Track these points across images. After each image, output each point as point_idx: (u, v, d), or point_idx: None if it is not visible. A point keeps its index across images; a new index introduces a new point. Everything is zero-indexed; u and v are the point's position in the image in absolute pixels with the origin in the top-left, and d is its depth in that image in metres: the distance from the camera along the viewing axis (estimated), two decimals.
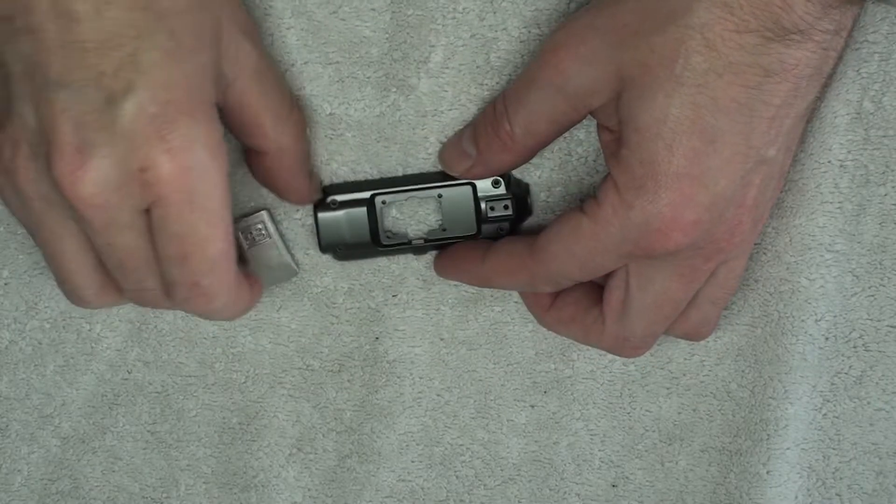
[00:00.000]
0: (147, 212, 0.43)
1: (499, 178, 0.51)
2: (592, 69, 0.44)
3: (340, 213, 0.51)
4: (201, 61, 0.42)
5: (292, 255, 0.53)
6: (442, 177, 0.52)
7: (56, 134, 0.41)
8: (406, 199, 0.52)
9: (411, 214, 0.53)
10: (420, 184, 0.51)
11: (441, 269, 0.53)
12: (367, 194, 0.51)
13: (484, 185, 0.51)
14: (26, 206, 0.44)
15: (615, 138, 0.46)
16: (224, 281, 0.45)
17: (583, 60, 0.45)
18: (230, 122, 0.47)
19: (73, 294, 0.47)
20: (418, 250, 0.53)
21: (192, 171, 0.42)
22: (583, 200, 0.49)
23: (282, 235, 0.53)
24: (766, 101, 0.43)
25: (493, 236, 0.52)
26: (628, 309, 0.48)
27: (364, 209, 0.51)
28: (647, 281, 0.47)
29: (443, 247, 0.53)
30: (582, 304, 0.50)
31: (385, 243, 0.52)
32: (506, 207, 0.51)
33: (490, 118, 0.48)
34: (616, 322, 0.49)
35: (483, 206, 0.51)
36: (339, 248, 0.52)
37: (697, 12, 0.42)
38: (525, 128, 0.47)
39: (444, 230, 0.52)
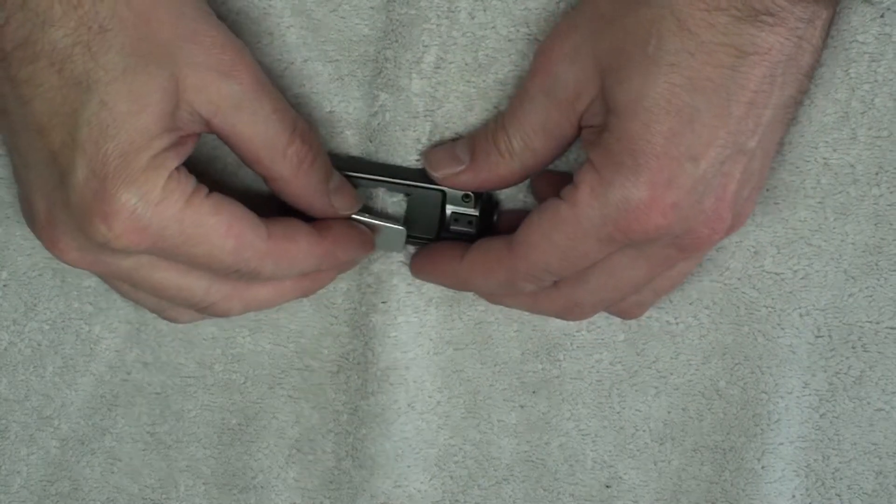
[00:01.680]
0: None
1: (470, 194, 0.50)
2: (576, 66, 0.45)
3: None
4: (142, 123, 0.42)
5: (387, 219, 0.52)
6: (419, 175, 0.51)
7: (33, 211, 0.45)
8: (374, 187, 0.51)
9: (377, 198, 0.52)
10: (395, 176, 0.51)
11: (418, 269, 0.52)
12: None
13: (453, 196, 0.51)
14: None
15: (598, 131, 0.45)
16: (257, 255, 0.46)
17: (567, 59, 0.45)
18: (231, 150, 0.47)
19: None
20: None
21: (146, 230, 0.43)
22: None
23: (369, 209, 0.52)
24: (741, 83, 0.42)
25: None
26: (586, 281, 0.48)
27: None
28: (616, 262, 0.47)
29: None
30: None
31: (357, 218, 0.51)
32: (469, 223, 0.51)
33: (490, 129, 0.48)
34: (572, 289, 0.48)
35: (448, 214, 0.51)
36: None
37: None
38: (523, 142, 0.47)
39: (404, 224, 0.51)
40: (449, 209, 0.50)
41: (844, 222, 0.51)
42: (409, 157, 0.51)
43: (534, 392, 0.54)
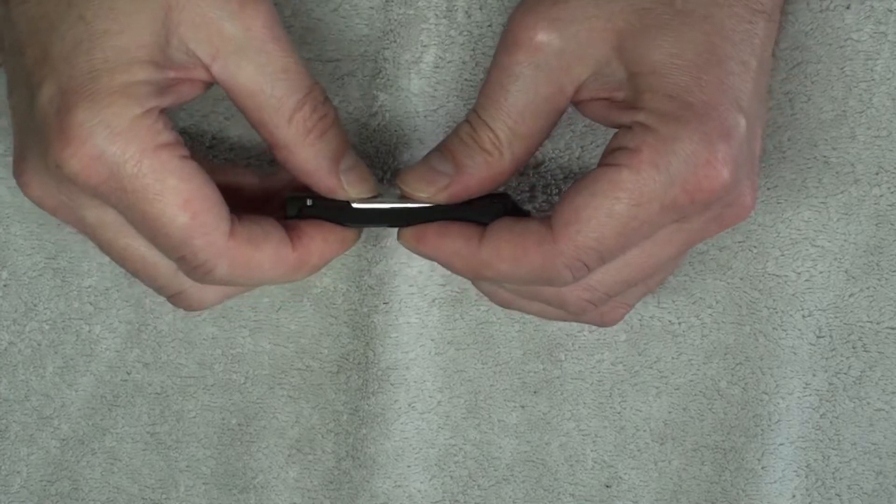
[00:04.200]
0: None
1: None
2: (575, 31, 0.41)
3: None
4: (120, 43, 0.39)
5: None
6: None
7: (13, 145, 0.41)
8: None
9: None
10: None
11: (417, 240, 0.45)
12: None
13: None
14: None
15: (621, 97, 0.42)
16: (211, 249, 0.42)
17: (561, 25, 0.41)
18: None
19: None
20: (393, 220, 0.45)
21: (100, 158, 0.39)
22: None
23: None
24: (754, 40, 0.41)
25: (473, 220, 0.45)
26: (626, 265, 0.44)
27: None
28: (659, 238, 0.43)
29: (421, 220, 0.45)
30: None
31: (357, 205, 0.45)
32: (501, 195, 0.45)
33: (466, 131, 0.43)
34: (603, 275, 0.44)
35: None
36: (305, 204, 0.46)
37: None
38: (511, 130, 0.42)
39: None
40: None
41: (847, 222, 0.51)
42: (409, 158, 0.51)
43: (535, 392, 0.54)
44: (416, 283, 0.52)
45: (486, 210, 0.44)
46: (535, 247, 0.42)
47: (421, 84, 0.50)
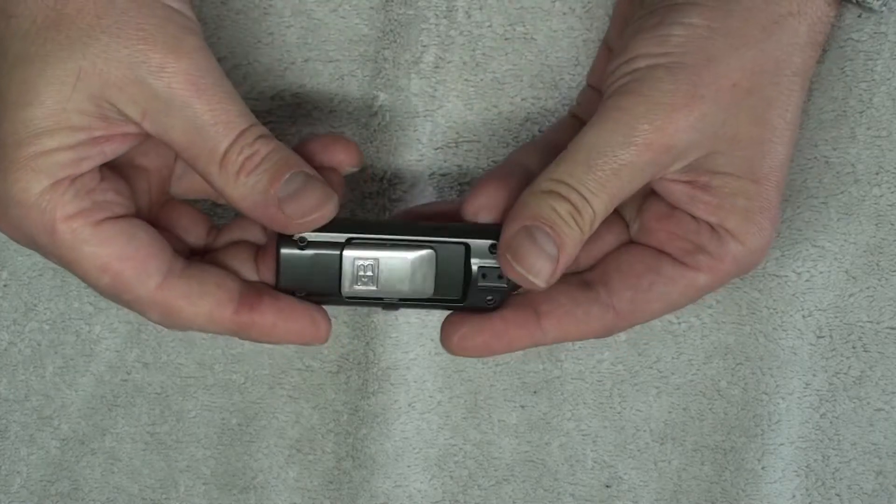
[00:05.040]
0: None
1: (496, 241, 0.43)
2: (699, 134, 0.42)
3: (308, 253, 0.43)
4: (27, 115, 0.39)
5: None
6: (432, 229, 0.44)
7: None
8: (390, 248, 0.44)
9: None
10: (408, 233, 0.44)
11: (471, 347, 0.44)
12: (342, 237, 0.43)
13: (479, 247, 0.44)
14: None
15: (706, 187, 0.43)
16: (139, 301, 0.42)
17: (691, 129, 0.41)
18: None
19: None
20: (389, 306, 0.45)
21: (19, 229, 0.41)
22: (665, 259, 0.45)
23: None
24: (797, 111, 0.44)
25: (478, 307, 0.44)
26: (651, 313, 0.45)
27: (337, 254, 0.43)
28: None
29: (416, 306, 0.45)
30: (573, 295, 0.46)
31: (351, 296, 0.44)
32: (500, 277, 0.44)
33: (568, 210, 0.42)
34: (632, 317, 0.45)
35: (475, 270, 0.44)
36: (299, 292, 0.44)
37: (797, 56, 0.42)
38: (607, 206, 0.42)
39: (422, 290, 0.44)
40: (475, 263, 0.44)
41: (847, 222, 0.51)
42: (409, 158, 0.51)
43: (535, 392, 0.54)
44: None
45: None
46: (599, 326, 0.44)
47: (421, 84, 0.50)
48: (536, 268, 0.41)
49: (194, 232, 0.46)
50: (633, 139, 0.41)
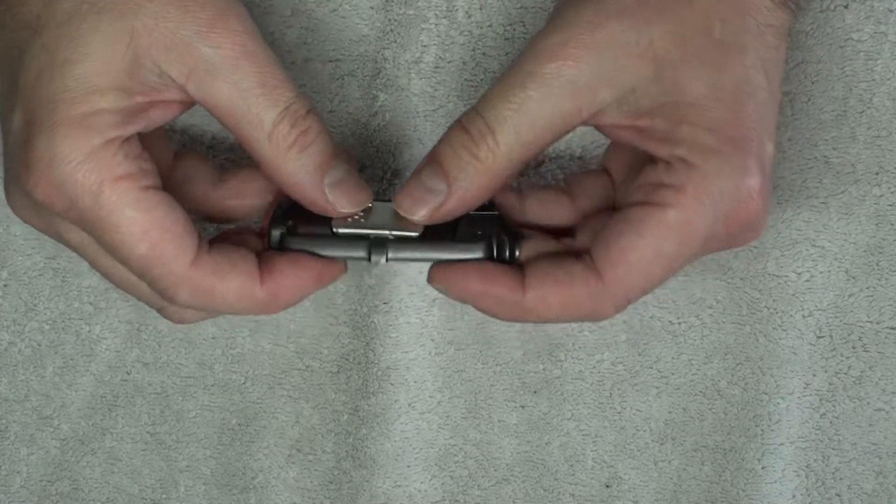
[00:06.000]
0: None
1: None
2: (613, 55, 0.40)
3: None
4: (79, 72, 0.39)
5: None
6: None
7: (3, 158, 0.42)
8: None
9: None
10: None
11: (455, 286, 0.44)
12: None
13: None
14: None
15: (647, 126, 0.42)
16: (171, 278, 0.42)
17: (602, 45, 0.40)
18: None
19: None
20: (377, 248, 0.45)
21: (60, 189, 0.40)
22: (634, 204, 0.43)
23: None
24: (781, 65, 0.42)
25: (467, 241, 0.45)
26: (629, 264, 0.43)
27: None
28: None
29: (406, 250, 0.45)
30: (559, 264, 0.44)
31: (342, 232, 0.44)
32: (486, 207, 0.44)
33: (463, 139, 0.42)
34: (617, 273, 0.43)
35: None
36: (286, 233, 0.45)
37: None
38: (518, 135, 0.41)
39: (412, 229, 0.44)
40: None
41: (847, 222, 0.51)
42: (409, 158, 0.51)
43: (535, 392, 0.54)
44: (416, 284, 0.52)
45: (479, 227, 0.45)
46: (582, 292, 0.42)
47: (421, 84, 0.50)
48: (414, 209, 0.43)
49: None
50: (538, 53, 0.41)
